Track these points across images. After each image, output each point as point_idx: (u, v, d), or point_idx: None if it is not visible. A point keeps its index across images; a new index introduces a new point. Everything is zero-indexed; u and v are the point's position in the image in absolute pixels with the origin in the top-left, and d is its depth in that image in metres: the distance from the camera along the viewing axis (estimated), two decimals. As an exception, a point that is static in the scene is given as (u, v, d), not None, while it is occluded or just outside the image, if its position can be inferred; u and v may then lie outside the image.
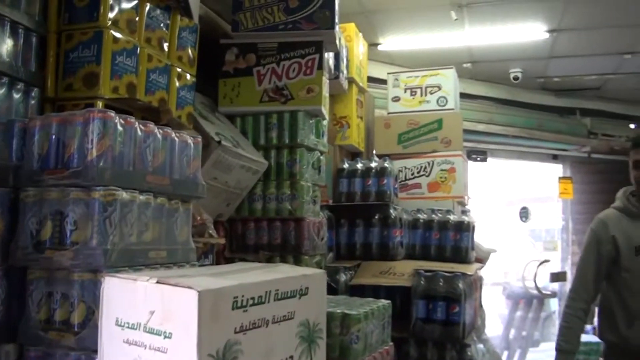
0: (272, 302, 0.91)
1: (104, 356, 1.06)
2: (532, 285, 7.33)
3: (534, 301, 7.54)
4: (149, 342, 0.94)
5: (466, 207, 3.57)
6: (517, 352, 7.40)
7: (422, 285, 2.64)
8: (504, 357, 6.93)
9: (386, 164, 3.07)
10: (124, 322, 1.01)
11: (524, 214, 7.29)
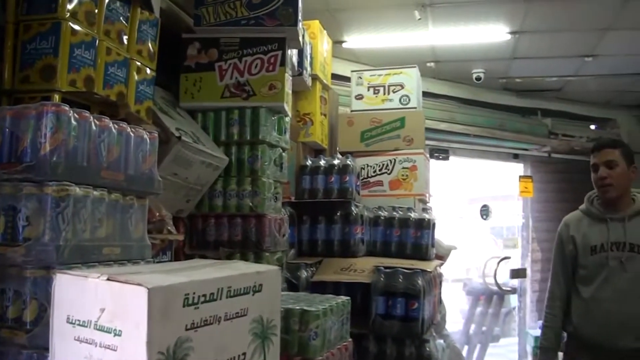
0: (224, 299, 0.91)
1: (55, 354, 1.04)
2: (493, 281, 7.46)
3: (494, 297, 7.67)
4: (100, 339, 0.93)
5: (427, 205, 3.62)
6: (477, 347, 7.51)
7: (381, 281, 2.66)
8: (464, 352, 7.04)
9: (349, 162, 3.08)
10: (75, 320, 1.00)
11: (485, 212, 7.41)
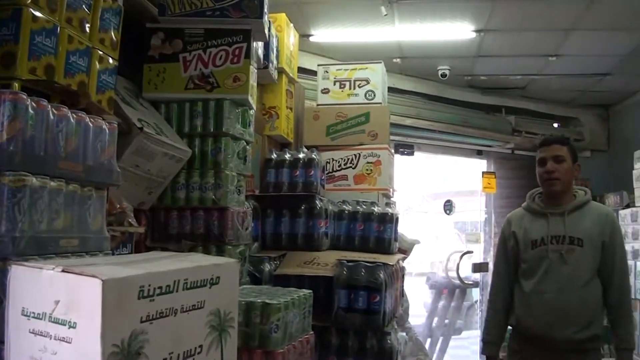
0: (180, 291, 0.91)
1: (11, 347, 1.03)
2: (455, 275, 7.59)
3: (457, 291, 7.80)
4: (54, 332, 0.92)
5: (391, 200, 3.65)
6: (440, 340, 7.63)
7: (344, 275, 2.68)
8: (427, 344, 7.14)
9: (314, 155, 3.08)
10: (30, 312, 0.98)
11: (448, 207, 7.52)
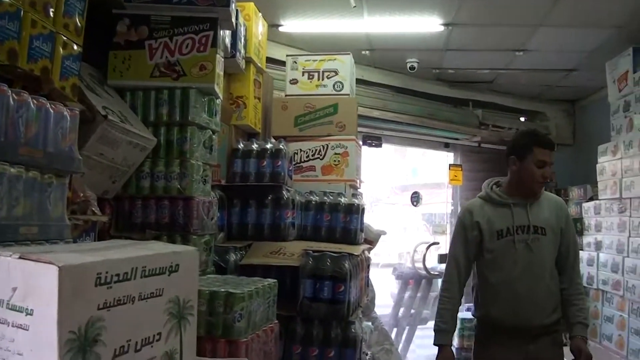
0: (138, 278, 0.91)
1: (-32, 335, 1.01)
2: (421, 266, 7.68)
3: (423, 281, 7.89)
4: (12, 319, 0.91)
5: (358, 191, 3.68)
6: (406, 330, 7.73)
7: (310, 265, 2.70)
8: (392, 334, 7.22)
9: (281, 146, 3.08)
10: (-13, 299, 0.97)
11: (415, 199, 7.61)
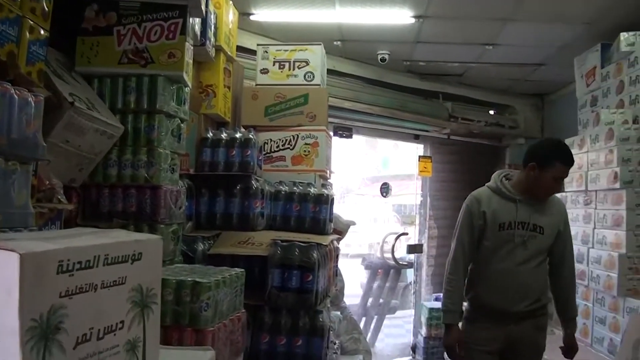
0: (101, 266, 0.90)
1: None
2: (390, 256, 7.76)
3: (391, 271, 7.99)
4: (-28, 307, 0.90)
5: (328, 181, 3.69)
6: (374, 319, 7.82)
7: (278, 254, 2.70)
8: (361, 323, 7.30)
9: (251, 135, 3.07)
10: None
11: (385, 190, 7.67)
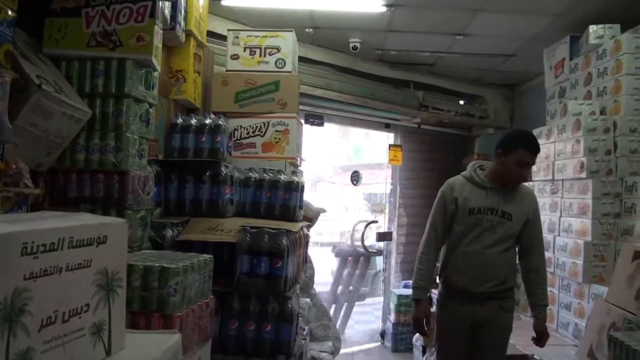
0: (66, 249, 0.89)
1: None
2: (360, 244, 7.82)
3: (361, 259, 8.05)
4: None
5: (298, 169, 3.70)
6: (344, 306, 7.89)
7: (247, 241, 2.71)
8: (331, 310, 7.36)
9: (221, 122, 3.06)
10: None
11: (355, 178, 7.70)
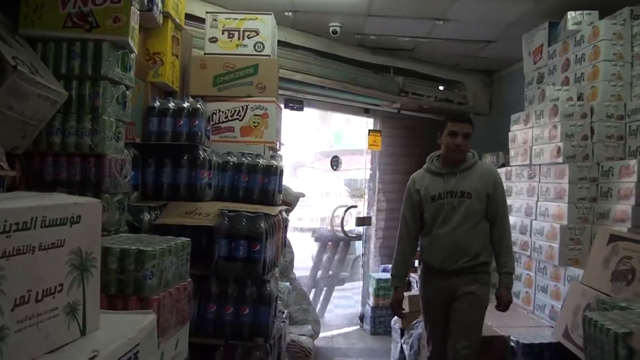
0: (38, 228, 0.89)
1: None
2: (339, 229, 7.86)
3: (341, 244, 8.10)
4: None
5: (277, 153, 3.70)
6: (324, 290, 7.94)
7: (225, 224, 2.71)
8: (311, 295, 7.41)
9: (199, 105, 3.04)
10: None
11: (335, 163, 7.71)
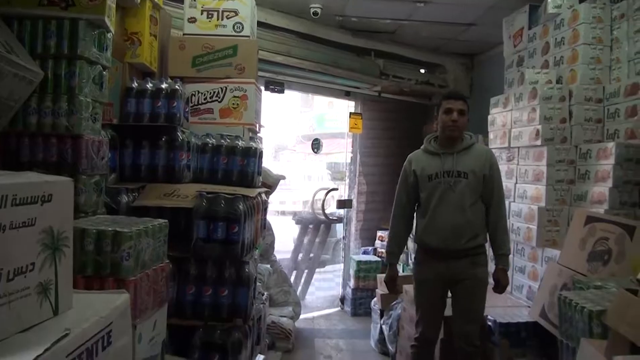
0: (9, 207, 0.89)
1: None
2: (320, 211, 7.90)
3: (322, 226, 8.14)
4: None
5: (257, 135, 3.69)
6: (305, 272, 7.99)
7: (203, 206, 2.71)
8: (292, 277, 7.45)
9: (177, 86, 3.01)
10: None
11: (316, 146, 7.72)
